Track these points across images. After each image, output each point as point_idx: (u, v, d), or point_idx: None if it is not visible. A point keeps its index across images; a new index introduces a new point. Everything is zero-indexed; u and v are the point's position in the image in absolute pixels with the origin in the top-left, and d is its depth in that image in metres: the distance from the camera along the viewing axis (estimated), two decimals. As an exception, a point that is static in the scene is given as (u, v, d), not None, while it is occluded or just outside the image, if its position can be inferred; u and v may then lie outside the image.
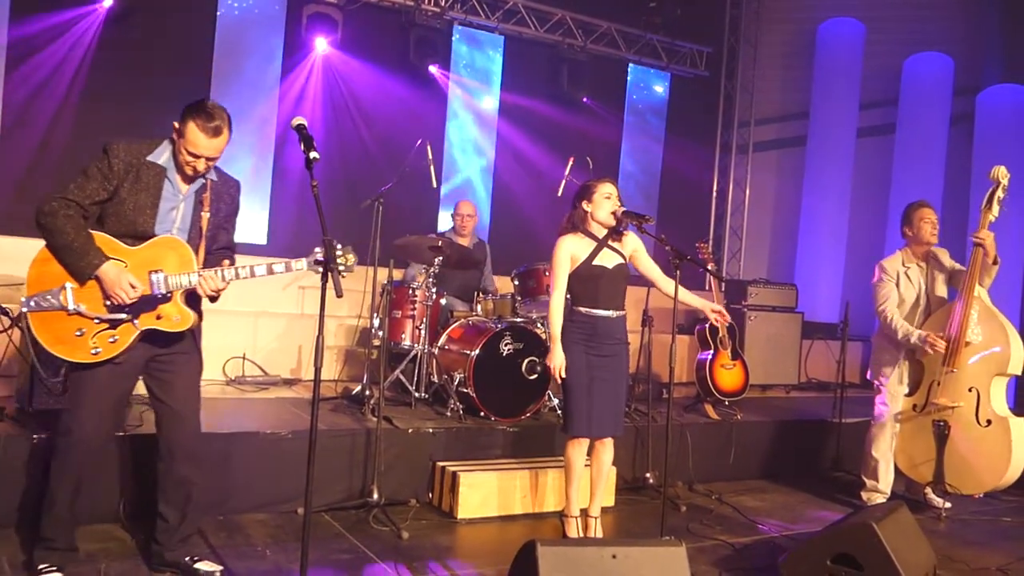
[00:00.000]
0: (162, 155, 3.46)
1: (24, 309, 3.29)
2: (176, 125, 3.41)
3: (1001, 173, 5.25)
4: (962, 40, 10.50)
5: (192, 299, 3.50)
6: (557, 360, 4.31)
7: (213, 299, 3.54)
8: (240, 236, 3.97)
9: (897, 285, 5.50)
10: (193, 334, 3.63)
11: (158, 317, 3.40)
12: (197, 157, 3.39)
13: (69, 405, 3.45)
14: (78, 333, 3.30)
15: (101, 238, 3.34)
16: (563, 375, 4.31)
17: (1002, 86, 9.82)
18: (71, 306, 3.27)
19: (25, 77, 7.24)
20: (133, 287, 3.29)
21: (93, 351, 3.31)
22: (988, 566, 4.61)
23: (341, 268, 3.35)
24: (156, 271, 3.37)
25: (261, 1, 8.38)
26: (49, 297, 3.27)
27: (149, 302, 3.37)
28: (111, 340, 3.34)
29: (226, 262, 3.54)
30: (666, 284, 4.61)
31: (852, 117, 10.40)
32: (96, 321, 3.32)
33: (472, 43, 9.58)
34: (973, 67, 10.30)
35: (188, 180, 3.49)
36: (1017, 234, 9.58)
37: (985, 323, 5.34)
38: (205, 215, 3.51)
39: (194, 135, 3.35)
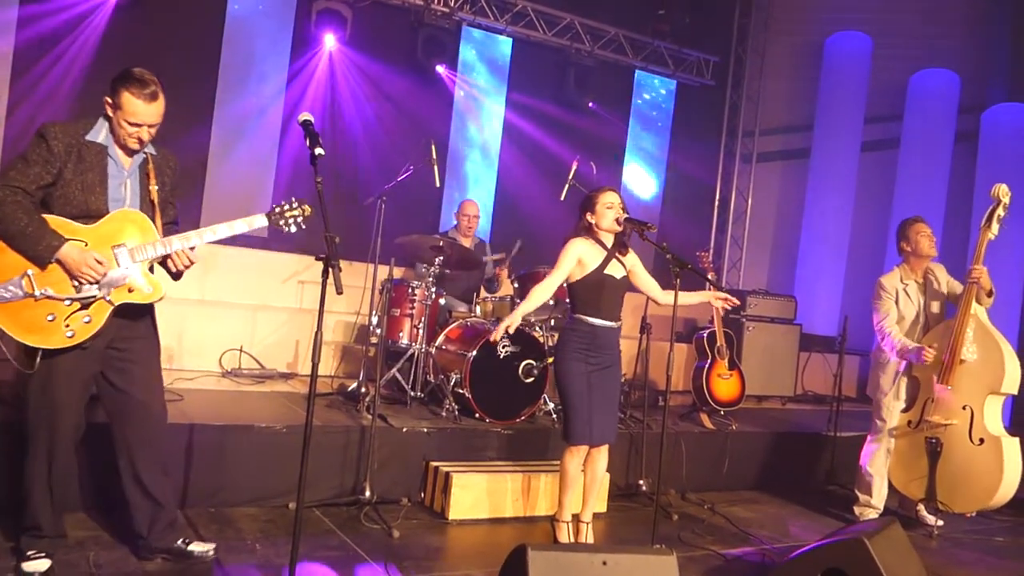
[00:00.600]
0: (99, 133, 3.40)
1: None
2: (108, 99, 3.36)
3: (1002, 191, 5.23)
4: (969, 58, 10.51)
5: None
6: (512, 322, 4.34)
7: (178, 275, 3.51)
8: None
9: (896, 302, 5.50)
10: (151, 316, 3.60)
11: (130, 290, 3.36)
12: (139, 126, 3.35)
13: (38, 395, 3.34)
14: (49, 318, 3.21)
15: (55, 221, 3.26)
16: (497, 337, 4.39)
17: (1007, 105, 9.83)
18: (37, 292, 3.18)
19: (34, 67, 7.24)
20: (100, 263, 3.24)
21: (68, 334, 3.24)
22: (979, 585, 4.61)
23: (300, 220, 3.49)
24: (119, 245, 3.33)
25: (270, -4, 8.40)
26: (11, 287, 3.17)
27: (118, 276, 3.33)
28: (85, 320, 3.28)
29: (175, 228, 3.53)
30: (664, 296, 4.62)
31: (856, 131, 10.40)
32: (67, 303, 3.24)
33: (480, 44, 9.58)
34: (979, 85, 10.31)
35: (129, 154, 3.45)
36: (1020, 253, 9.59)
37: (980, 341, 5.33)
38: (153, 188, 3.47)
39: (131, 104, 3.31)
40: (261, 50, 8.34)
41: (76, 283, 3.25)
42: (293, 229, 3.55)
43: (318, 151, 3.28)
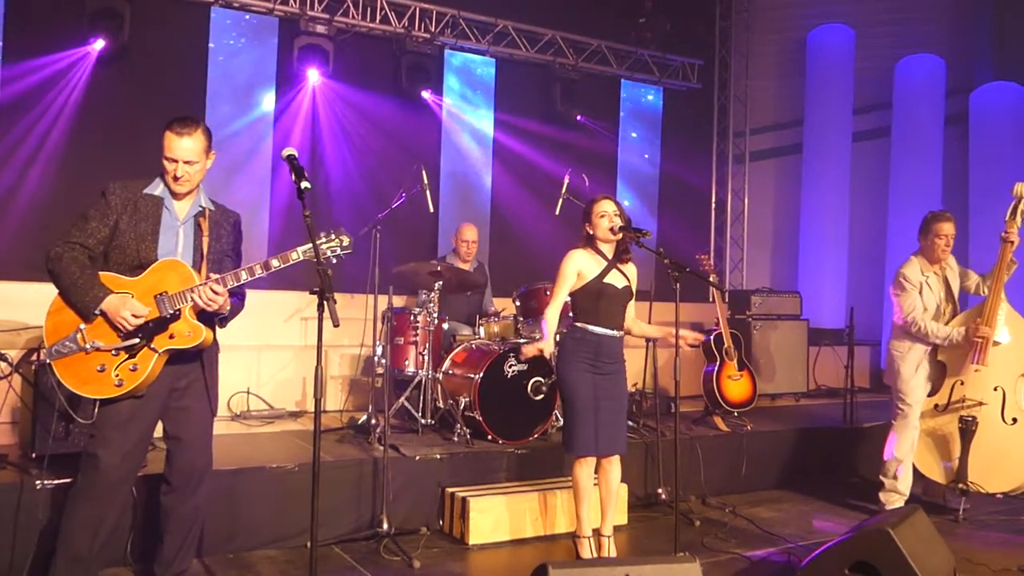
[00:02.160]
0: (157, 187, 3.58)
1: (47, 360, 3.40)
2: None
3: (1022, 188, 5.41)
4: (952, 41, 10.53)
5: (204, 318, 3.52)
6: (547, 348, 4.39)
7: (220, 316, 3.57)
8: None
9: (920, 293, 5.49)
10: (205, 370, 3.67)
11: (171, 336, 3.45)
12: (174, 162, 3.50)
13: (94, 444, 3.47)
14: (99, 369, 3.38)
15: (106, 276, 3.43)
16: (545, 353, 4.40)
17: (994, 84, 9.84)
18: (88, 345, 3.36)
19: (18, 124, 7.26)
20: (136, 315, 3.36)
21: (117, 383, 3.38)
22: (1009, 567, 4.55)
23: (338, 251, 3.48)
24: (161, 294, 3.43)
25: (252, 36, 8.42)
26: (67, 343, 3.37)
27: (160, 325, 3.42)
28: (132, 369, 3.40)
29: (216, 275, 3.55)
30: (632, 324, 4.65)
31: (847, 122, 10.40)
32: (113, 353, 3.39)
33: (464, 67, 9.61)
34: (964, 67, 10.32)
35: (180, 197, 3.58)
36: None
37: (1011, 324, 5.48)
38: (205, 239, 3.58)
39: (167, 139, 3.52)
40: (246, 89, 8.37)
41: (121, 333, 3.39)
42: (334, 261, 3.53)
43: (304, 185, 3.29)
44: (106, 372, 3.38)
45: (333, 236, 3.50)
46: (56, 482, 4.03)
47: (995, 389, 5.43)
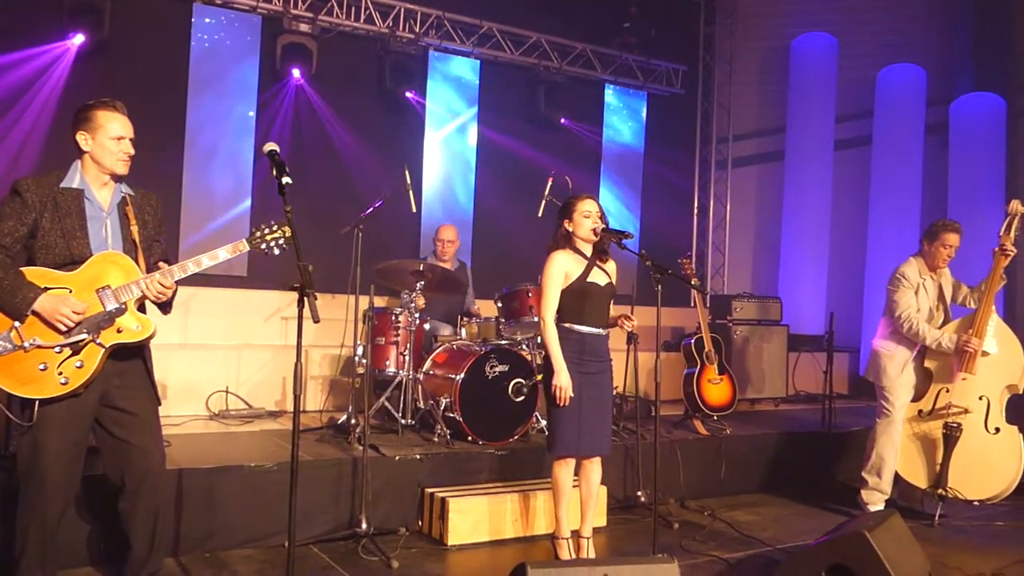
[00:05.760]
0: (73, 179, 3.42)
1: None
2: (82, 132, 3.40)
3: (1018, 207, 5.50)
4: (933, 51, 10.63)
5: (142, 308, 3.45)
6: (563, 381, 4.24)
7: (164, 307, 3.50)
8: (221, 268, 3.94)
9: (916, 294, 5.54)
10: (146, 364, 3.56)
11: (119, 331, 3.34)
12: (123, 138, 3.41)
13: (30, 447, 3.29)
14: (41, 367, 3.20)
15: (36, 272, 3.28)
16: (571, 394, 4.24)
17: (974, 94, 9.95)
18: (26, 343, 3.18)
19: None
20: (76, 312, 3.22)
21: (62, 381, 3.22)
22: (983, 571, 4.59)
23: (280, 241, 3.46)
24: (103, 287, 3.31)
25: (235, 33, 8.37)
26: (0, 341, 3.18)
27: (106, 318, 3.31)
28: (77, 366, 3.25)
29: (163, 264, 3.51)
30: None
31: (829, 130, 10.47)
32: (56, 350, 3.23)
33: (448, 68, 9.60)
34: (945, 77, 10.43)
35: (117, 180, 3.48)
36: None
37: (999, 336, 5.55)
38: (134, 228, 3.47)
39: (109, 119, 3.39)
40: (228, 87, 8.31)
41: (63, 331, 3.23)
42: (277, 251, 3.51)
43: (285, 180, 3.27)
44: (48, 370, 3.20)
45: (275, 227, 3.48)
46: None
47: (980, 398, 5.49)
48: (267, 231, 3.50)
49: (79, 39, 7.37)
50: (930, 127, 10.20)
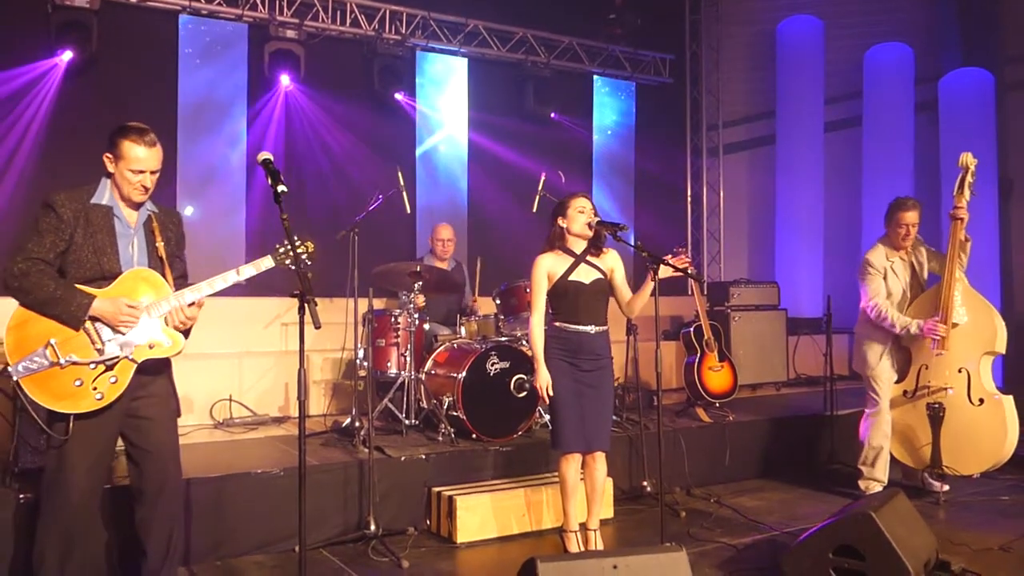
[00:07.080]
0: (103, 195, 3.47)
1: (14, 377, 3.21)
2: (108, 155, 3.43)
3: (968, 159, 5.37)
4: (920, 28, 10.65)
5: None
6: (543, 380, 4.33)
7: (186, 330, 3.53)
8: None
9: (885, 279, 5.54)
10: (168, 374, 3.61)
11: (151, 346, 3.41)
12: (142, 172, 3.42)
13: (57, 460, 3.35)
14: (76, 383, 3.26)
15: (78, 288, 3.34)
16: (550, 393, 4.32)
17: (962, 70, 9.97)
18: (62, 360, 3.24)
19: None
20: (133, 307, 3.31)
21: (97, 396, 3.29)
22: (990, 546, 4.61)
23: (304, 255, 3.48)
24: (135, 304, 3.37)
25: (222, 41, 8.36)
26: (36, 358, 3.23)
27: (138, 335, 3.37)
28: (112, 381, 3.33)
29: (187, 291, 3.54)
30: (627, 307, 4.59)
31: (818, 112, 10.49)
32: (91, 367, 3.29)
33: (436, 68, 9.60)
34: (932, 54, 10.45)
35: (135, 207, 3.51)
36: (991, 216, 9.68)
37: (968, 304, 5.43)
38: (160, 244, 3.52)
39: (133, 151, 3.40)
40: (217, 97, 8.31)
41: (99, 347, 3.30)
42: (309, 263, 3.53)
43: (280, 188, 3.29)
44: (84, 386, 3.27)
45: (299, 242, 3.51)
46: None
47: (960, 371, 5.42)
48: (291, 247, 3.51)
49: (67, 56, 7.36)
50: (919, 105, 10.22)
